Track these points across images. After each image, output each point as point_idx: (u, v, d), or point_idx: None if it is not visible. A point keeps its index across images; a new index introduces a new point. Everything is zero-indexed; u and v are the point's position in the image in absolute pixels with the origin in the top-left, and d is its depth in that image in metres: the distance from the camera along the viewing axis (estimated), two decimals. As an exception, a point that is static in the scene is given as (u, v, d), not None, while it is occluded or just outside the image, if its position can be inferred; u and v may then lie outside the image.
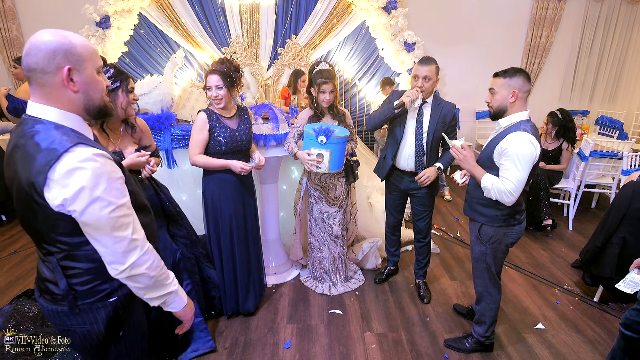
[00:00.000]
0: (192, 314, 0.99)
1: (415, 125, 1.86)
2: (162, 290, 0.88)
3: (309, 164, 1.84)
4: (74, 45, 0.76)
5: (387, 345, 1.79)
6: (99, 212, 0.75)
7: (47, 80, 0.75)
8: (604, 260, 2.05)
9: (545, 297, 2.20)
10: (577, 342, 1.83)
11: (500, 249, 1.55)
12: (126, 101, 1.37)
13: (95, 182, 0.74)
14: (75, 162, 0.72)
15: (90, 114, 0.82)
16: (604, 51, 4.56)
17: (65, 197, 0.72)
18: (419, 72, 1.77)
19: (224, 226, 1.80)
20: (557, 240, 2.91)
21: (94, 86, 0.80)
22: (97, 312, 0.86)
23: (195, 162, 1.72)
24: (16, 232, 2.88)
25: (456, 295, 2.19)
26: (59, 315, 0.86)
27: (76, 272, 0.83)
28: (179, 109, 2.48)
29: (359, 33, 4.27)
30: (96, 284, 0.85)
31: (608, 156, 3.01)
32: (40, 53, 0.73)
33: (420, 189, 1.96)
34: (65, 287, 0.83)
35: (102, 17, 3.78)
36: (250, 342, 1.79)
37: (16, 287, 2.19)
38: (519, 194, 1.39)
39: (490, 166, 1.46)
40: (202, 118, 1.69)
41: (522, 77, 1.41)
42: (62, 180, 0.72)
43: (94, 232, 0.77)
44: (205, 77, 1.67)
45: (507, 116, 1.46)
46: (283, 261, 2.37)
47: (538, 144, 1.39)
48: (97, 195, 0.74)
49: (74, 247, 0.81)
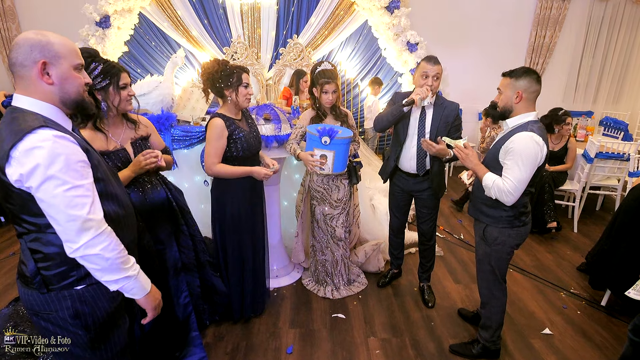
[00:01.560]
0: (156, 305, 1.00)
1: (418, 126, 1.83)
2: (120, 274, 0.89)
3: (312, 165, 1.81)
4: (51, 43, 0.84)
5: (392, 350, 1.76)
6: (52, 189, 0.79)
7: (25, 73, 0.83)
8: (612, 264, 2.01)
9: (551, 301, 2.16)
10: (584, 347, 1.80)
11: (504, 250, 1.53)
12: (118, 98, 1.31)
13: (51, 161, 0.78)
14: (35, 141, 0.78)
15: (68, 107, 0.89)
16: (608, 51, 4.52)
17: (21, 172, 0.78)
18: (429, 71, 1.73)
19: (243, 234, 1.74)
20: (562, 242, 2.88)
21: (71, 81, 0.87)
22: (64, 301, 0.90)
23: (216, 172, 1.61)
24: (15, 234, 2.85)
25: (460, 299, 2.16)
26: (28, 298, 0.91)
27: (42, 256, 0.88)
28: (180, 110, 2.44)
29: (361, 33, 4.25)
30: (61, 271, 0.88)
31: (614, 158, 2.97)
32: (20, 49, 0.82)
33: (424, 191, 1.93)
34: (33, 270, 0.88)
35: (102, 17, 3.75)
36: (252, 347, 1.75)
37: (15, 289, 2.16)
38: (519, 194, 1.37)
39: (496, 166, 1.45)
40: (220, 124, 1.58)
41: (528, 78, 1.39)
42: (20, 157, 0.78)
43: (49, 210, 0.82)
44: (239, 75, 1.60)
45: (514, 116, 1.44)
46: (285, 264, 2.34)
47: (545, 145, 1.37)
48: (51, 174, 0.79)
49: (40, 228, 0.86)
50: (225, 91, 1.61)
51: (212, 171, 1.62)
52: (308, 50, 4.17)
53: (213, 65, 1.61)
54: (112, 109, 1.32)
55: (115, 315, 0.99)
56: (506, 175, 1.38)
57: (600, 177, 3.14)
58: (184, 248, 1.61)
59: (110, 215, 0.91)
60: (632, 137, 3.81)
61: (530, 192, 1.45)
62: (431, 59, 1.76)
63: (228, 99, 1.63)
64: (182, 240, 1.60)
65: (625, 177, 3.09)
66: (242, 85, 1.61)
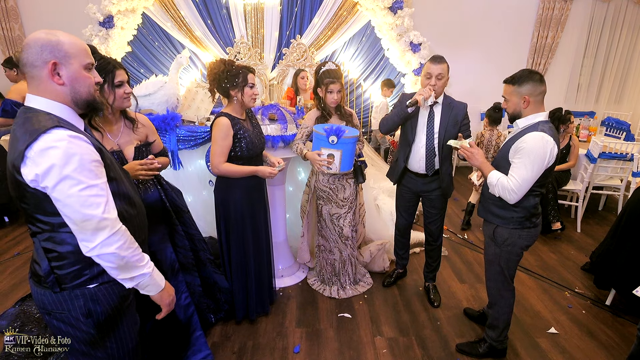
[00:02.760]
0: (171, 301, 1.02)
1: (427, 126, 1.83)
2: (135, 271, 0.90)
3: (319, 164, 1.82)
4: (61, 43, 0.83)
5: (398, 350, 1.76)
6: (67, 189, 0.80)
7: (36, 74, 0.83)
8: (617, 264, 2.01)
9: (556, 300, 2.17)
10: (590, 347, 1.80)
11: (514, 251, 1.53)
12: (113, 96, 1.29)
13: (66, 161, 0.79)
14: (50, 141, 0.79)
15: (79, 107, 0.89)
16: (610, 52, 4.53)
17: (37, 172, 0.78)
18: (432, 71, 1.73)
19: (247, 234, 1.74)
20: (565, 242, 2.88)
21: (81, 81, 0.86)
22: (76, 300, 0.90)
23: (223, 171, 1.61)
24: (19, 234, 2.85)
25: (466, 299, 2.16)
26: (41, 297, 0.91)
27: (56, 255, 0.88)
28: (184, 110, 2.45)
29: (364, 33, 4.25)
30: (74, 270, 0.89)
31: (617, 158, 2.98)
32: (31, 49, 0.82)
33: (433, 191, 1.93)
34: (46, 269, 0.88)
35: (106, 17, 3.75)
36: (259, 346, 1.76)
37: (20, 289, 2.16)
38: (523, 193, 1.37)
39: (505, 165, 1.45)
40: (226, 123, 1.58)
41: (531, 82, 1.39)
42: (36, 157, 0.78)
43: (64, 209, 0.82)
44: (245, 75, 1.59)
45: (523, 117, 1.45)
46: (290, 264, 2.34)
47: (555, 145, 1.37)
48: (66, 174, 0.79)
49: (53, 228, 0.86)
50: (231, 91, 1.61)
51: (219, 170, 1.62)
52: (311, 50, 4.17)
53: (219, 65, 1.61)
54: (107, 107, 1.30)
55: (127, 314, 1.00)
56: (512, 173, 1.39)
57: (603, 177, 3.15)
58: (180, 248, 1.60)
59: (123, 215, 0.91)
60: (634, 137, 3.82)
61: (540, 193, 1.45)
62: (435, 58, 1.75)
63: (234, 99, 1.63)
64: (178, 240, 1.59)
65: (629, 177, 3.10)
66: (248, 85, 1.61)
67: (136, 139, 1.41)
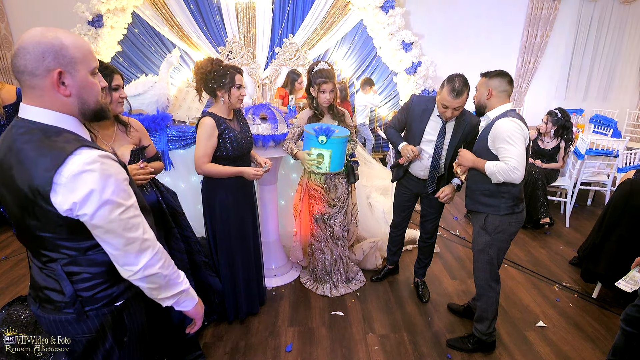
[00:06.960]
0: (202, 312, 0.99)
1: (436, 141, 1.79)
2: (175, 289, 0.86)
3: (309, 164, 1.82)
4: (65, 46, 0.71)
5: (390, 346, 1.78)
6: (109, 214, 0.73)
7: (37, 83, 0.71)
8: (602, 258, 2.06)
9: (545, 294, 2.21)
10: (577, 338, 1.85)
11: (504, 238, 1.59)
12: (110, 100, 1.28)
13: (104, 184, 0.72)
14: (81, 164, 0.70)
15: (86, 117, 0.79)
16: (597, 51, 4.62)
17: (74, 201, 0.70)
18: (450, 104, 1.64)
19: (232, 234, 1.73)
20: (554, 237, 2.94)
21: (89, 89, 0.76)
22: (104, 318, 0.84)
23: (206, 172, 1.60)
24: (6, 238, 2.80)
25: (457, 295, 2.19)
26: (63, 324, 0.83)
27: (81, 278, 0.81)
28: (175, 110, 2.43)
29: (357, 32, 4.26)
30: (102, 289, 0.83)
31: (604, 154, 3.04)
32: (29, 55, 0.69)
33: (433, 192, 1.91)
34: (71, 294, 0.80)
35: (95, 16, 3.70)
36: (251, 346, 1.76)
37: (7, 294, 2.12)
38: (524, 167, 1.44)
39: (487, 156, 1.52)
40: (210, 123, 1.56)
41: (499, 78, 1.53)
42: (69, 184, 0.70)
43: (105, 235, 0.75)
44: (232, 76, 1.57)
45: (491, 110, 1.56)
46: (283, 263, 2.34)
47: (524, 125, 1.48)
48: (106, 198, 0.72)
49: (79, 252, 0.79)
50: (218, 91, 1.59)
51: (202, 170, 1.61)
52: (304, 49, 4.17)
53: (206, 65, 1.58)
54: None
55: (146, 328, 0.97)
56: (505, 155, 1.44)
57: (591, 172, 3.22)
58: (175, 251, 1.58)
59: None
60: (620, 134, 3.90)
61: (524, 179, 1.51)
62: (455, 91, 1.60)
63: (221, 99, 1.61)
64: (174, 243, 1.57)
65: (615, 173, 3.17)
66: (235, 86, 1.59)
67: (131, 142, 1.39)
